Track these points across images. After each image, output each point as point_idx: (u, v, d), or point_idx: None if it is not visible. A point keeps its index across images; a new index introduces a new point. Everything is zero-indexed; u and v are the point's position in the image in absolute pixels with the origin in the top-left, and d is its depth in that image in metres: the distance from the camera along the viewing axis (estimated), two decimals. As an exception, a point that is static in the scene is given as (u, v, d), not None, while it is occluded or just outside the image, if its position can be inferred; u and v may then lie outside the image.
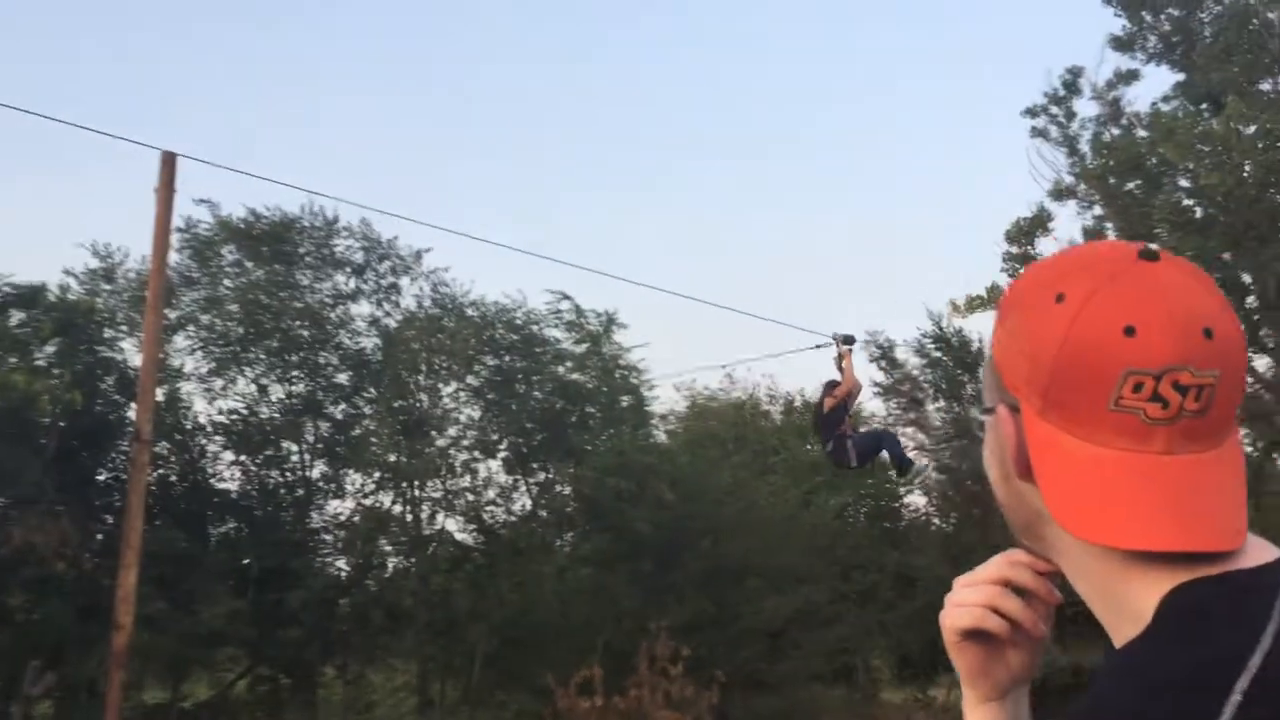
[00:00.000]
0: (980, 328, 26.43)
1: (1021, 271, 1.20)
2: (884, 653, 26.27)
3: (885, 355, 25.67)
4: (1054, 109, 22.38)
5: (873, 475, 27.25)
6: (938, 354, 25.07)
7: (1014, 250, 21.98)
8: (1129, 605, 0.94)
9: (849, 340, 11.63)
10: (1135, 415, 0.91)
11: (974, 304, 22.66)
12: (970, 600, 1.14)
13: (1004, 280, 22.03)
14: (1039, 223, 22.00)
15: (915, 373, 25.55)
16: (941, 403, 25.51)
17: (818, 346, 11.66)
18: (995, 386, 1.04)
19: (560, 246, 61.39)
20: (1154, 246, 0.96)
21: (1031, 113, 22.50)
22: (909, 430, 26.05)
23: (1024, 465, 1.00)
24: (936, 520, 26.11)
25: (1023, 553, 1.14)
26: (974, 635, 1.15)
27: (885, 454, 12.76)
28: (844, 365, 11.48)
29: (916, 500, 27.34)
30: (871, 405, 27.65)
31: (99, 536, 17.42)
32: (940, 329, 24.99)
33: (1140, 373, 0.90)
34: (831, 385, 11.66)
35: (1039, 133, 22.51)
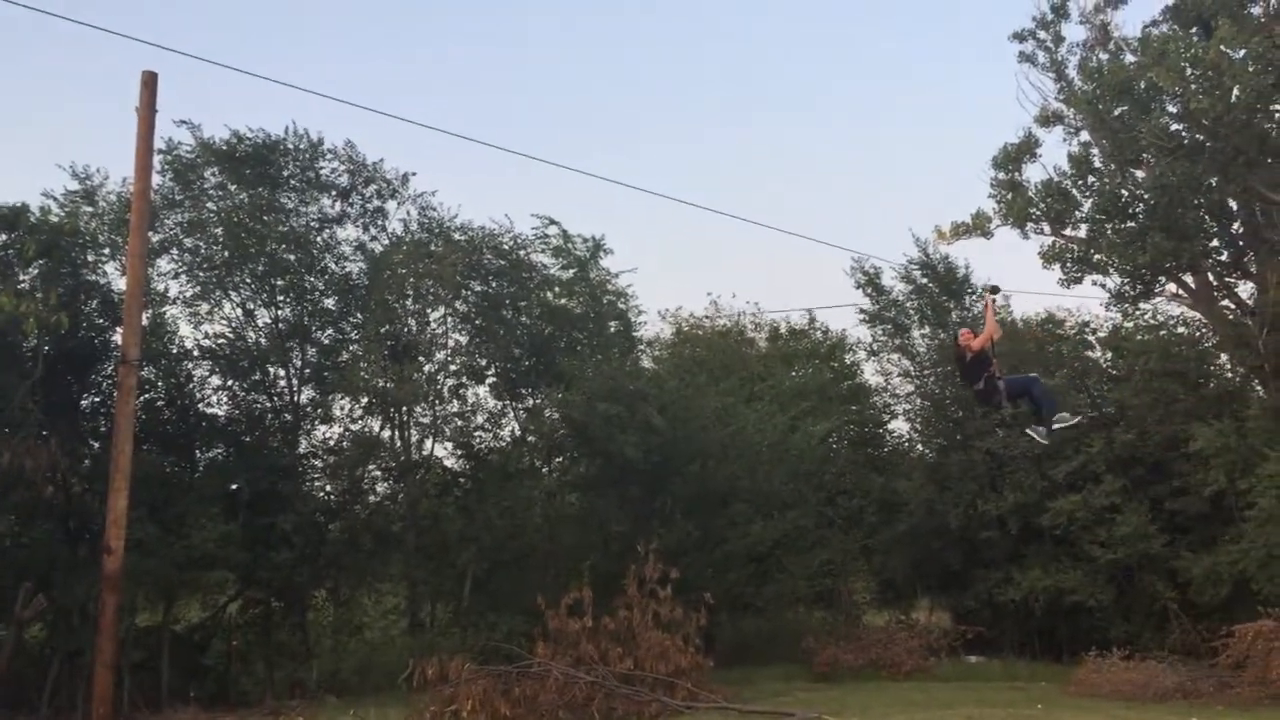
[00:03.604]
0: (966, 254, 26.33)
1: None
2: (867, 576, 26.63)
3: (871, 282, 25.69)
4: (1041, 33, 22.18)
5: (856, 401, 27.48)
6: (924, 280, 25.09)
7: (1001, 177, 21.92)
8: None
9: (995, 290, 12.86)
10: None
11: (959, 230, 22.65)
12: None
13: (990, 206, 22.02)
14: (1026, 149, 21.91)
15: (901, 299, 25.59)
16: (927, 329, 25.59)
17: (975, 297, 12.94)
18: None
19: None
20: None
21: (1019, 37, 22.30)
22: (894, 357, 26.19)
23: None
24: (920, 446, 26.29)
25: None
26: None
27: (1033, 402, 13.21)
28: (987, 313, 12.50)
29: (900, 426, 27.54)
30: (857, 332, 27.73)
31: (87, 461, 17.35)
32: (926, 255, 24.99)
33: None
34: (964, 331, 12.81)
35: (1026, 58, 22.34)
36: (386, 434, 20.64)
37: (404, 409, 20.17)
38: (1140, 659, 17.38)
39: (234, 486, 18.83)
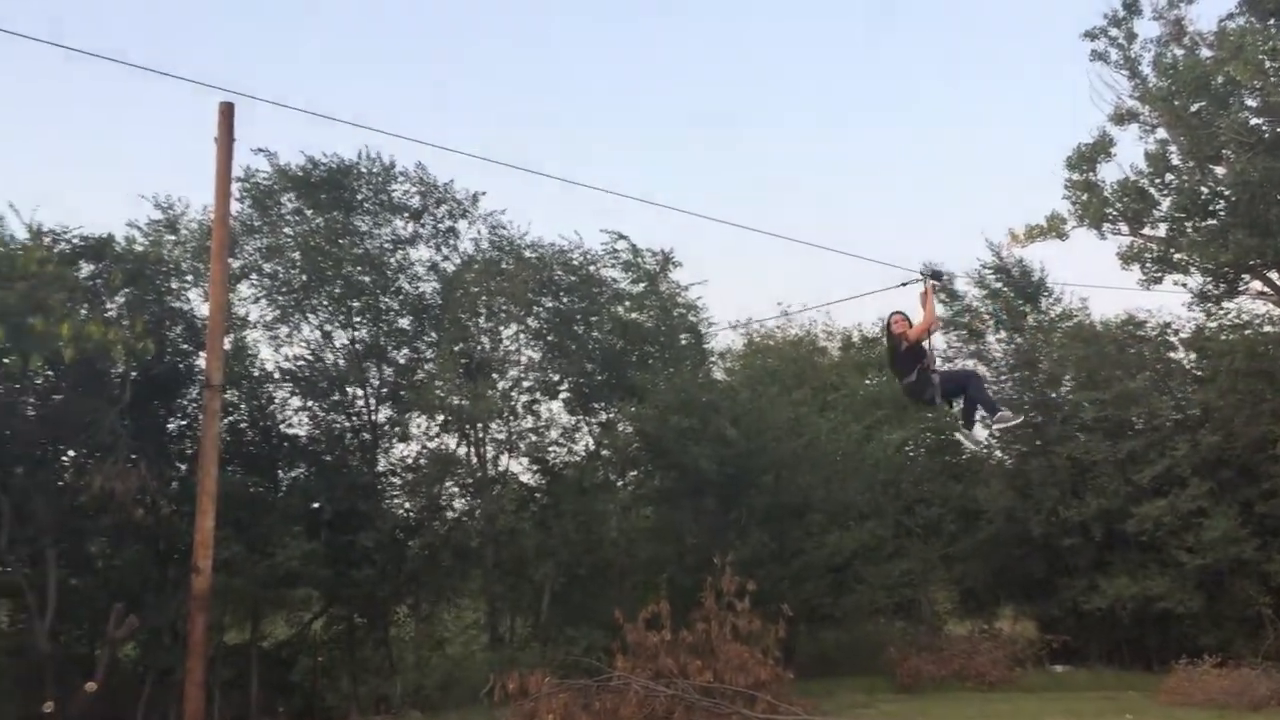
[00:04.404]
0: (1041, 257, 25.96)
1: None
2: (948, 586, 26.29)
3: (944, 287, 25.41)
4: (1114, 31, 21.81)
5: (937, 411, 27.09)
6: (998, 285, 24.76)
7: (1076, 177, 21.59)
8: None
9: (937, 275, 11.09)
10: None
11: (1034, 233, 22.34)
12: None
13: (1065, 208, 21.70)
14: (1101, 148, 21.56)
15: (975, 304, 25.30)
16: (1002, 334, 25.26)
17: (904, 284, 11.16)
18: None
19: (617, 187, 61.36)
20: None
21: (1090, 35, 21.95)
22: (969, 363, 25.87)
23: None
24: (999, 453, 25.93)
25: None
26: None
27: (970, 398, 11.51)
28: (927, 300, 10.86)
29: (978, 433, 27.12)
30: (932, 338, 27.43)
31: (174, 483, 17.75)
32: (1000, 259, 24.66)
33: None
34: (896, 316, 10.97)
35: (1099, 55, 21.98)
36: (463, 451, 20.87)
37: (479, 425, 20.36)
38: (1233, 666, 16.98)
39: (316, 505, 19.16)
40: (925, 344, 11.00)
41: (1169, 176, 20.59)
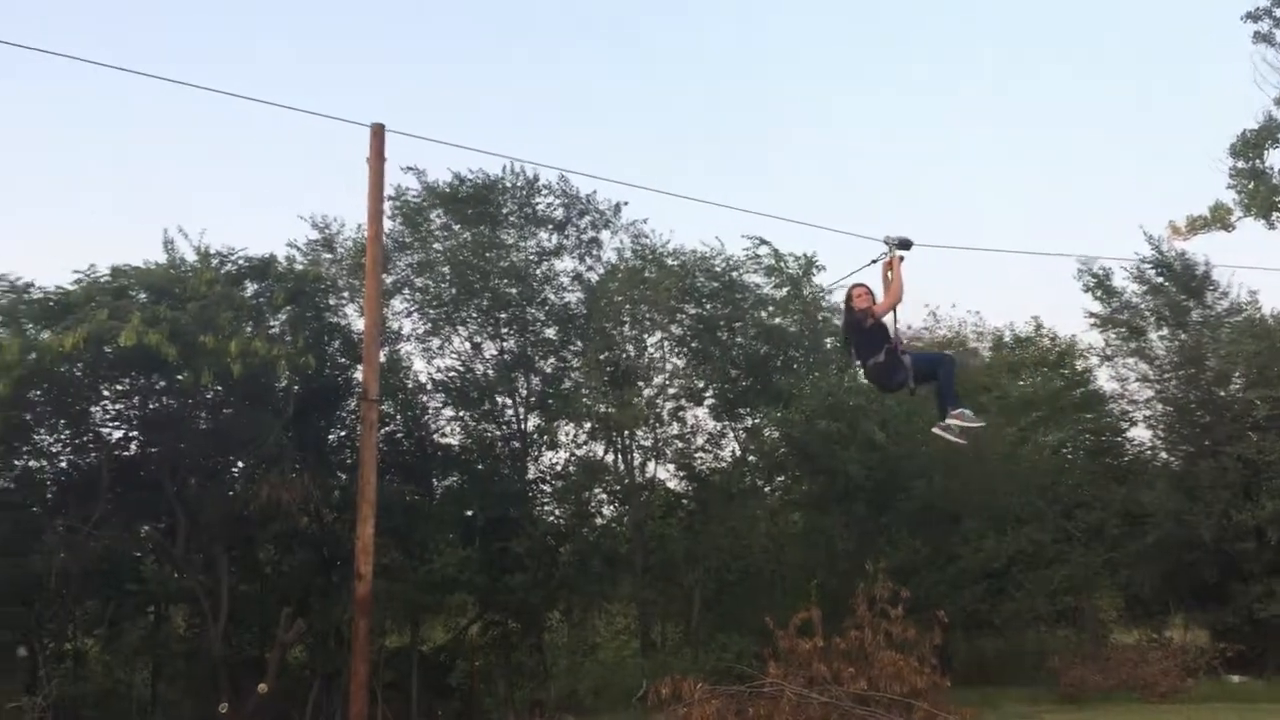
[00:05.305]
0: (1205, 249, 24.80)
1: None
2: (1112, 592, 25.25)
3: (1101, 284, 24.53)
4: (1278, 11, 20.73)
5: (1091, 409, 26.12)
6: (1160, 280, 23.75)
7: (1241, 165, 20.56)
8: None
9: (905, 244, 9.89)
10: None
11: (1196, 225, 21.35)
12: None
13: (1230, 197, 20.67)
14: (1267, 134, 20.47)
15: (1135, 300, 24.31)
16: (1165, 331, 24.21)
17: (874, 261, 10.11)
18: None
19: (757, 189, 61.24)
20: None
21: (1253, 16, 20.88)
22: (1130, 361, 24.88)
23: None
24: (1164, 454, 24.82)
25: None
26: None
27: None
28: (894, 272, 9.85)
29: (1141, 434, 26.06)
30: (1088, 337, 26.50)
31: (336, 492, 18.44)
32: (1160, 253, 23.66)
33: None
34: (859, 290, 9.80)
35: (1263, 37, 20.87)
36: (610, 458, 21.10)
37: (626, 433, 20.56)
38: None
39: (469, 512, 19.63)
40: (890, 323, 9.81)
41: (1344, 159, 19.46)
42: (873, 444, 19.32)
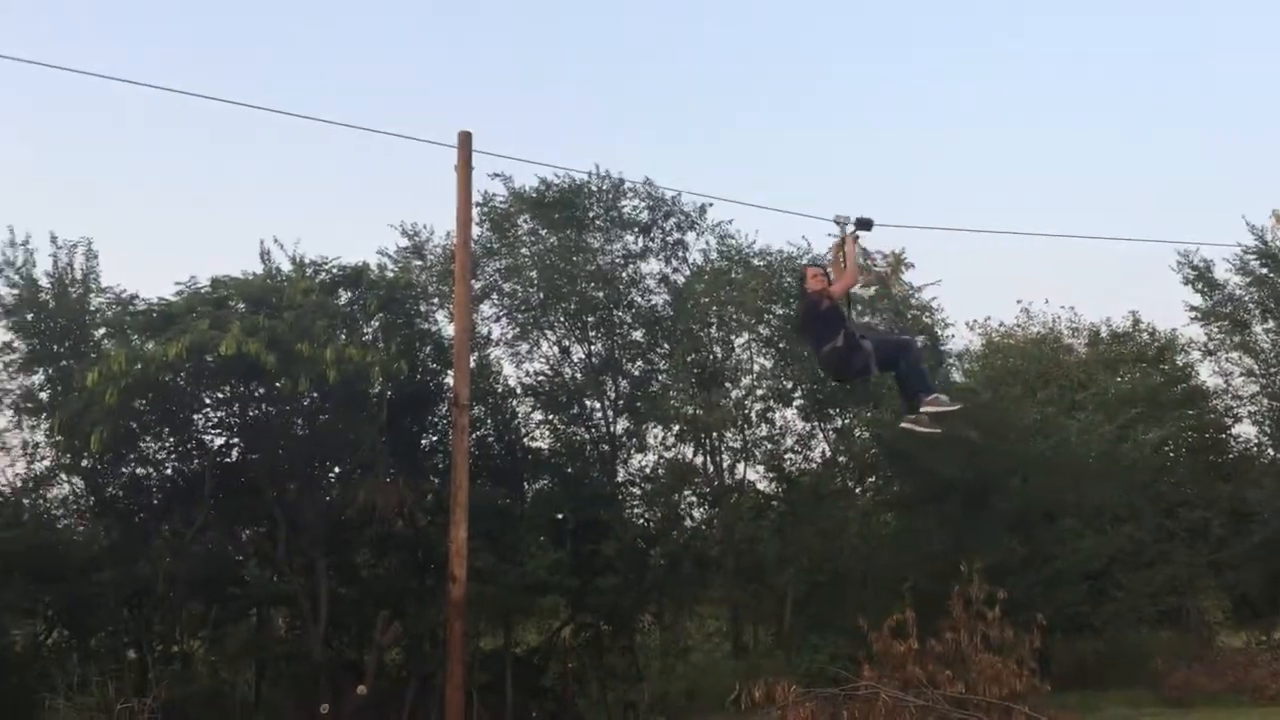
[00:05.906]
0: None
1: None
2: (1218, 593, 24.52)
3: (1202, 276, 23.85)
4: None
5: (1193, 406, 25.38)
6: (1265, 271, 23.01)
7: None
8: None
9: (864, 224, 9.39)
10: None
11: (1302, 213, 20.70)
12: None
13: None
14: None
15: (1239, 292, 23.58)
16: (1271, 324, 23.45)
17: (832, 235, 9.46)
18: None
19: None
20: None
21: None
22: (1235, 355, 24.16)
23: None
24: (1272, 450, 24.02)
25: None
26: None
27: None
28: (847, 253, 9.40)
29: (1246, 430, 25.26)
30: (1189, 331, 25.80)
31: (429, 496, 18.69)
32: (1265, 243, 22.92)
33: None
34: (812, 271, 9.42)
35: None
36: (699, 460, 21.08)
37: (714, 435, 20.53)
38: None
39: (560, 515, 19.77)
40: (844, 307, 9.24)
41: None
42: (965, 443, 19.01)
